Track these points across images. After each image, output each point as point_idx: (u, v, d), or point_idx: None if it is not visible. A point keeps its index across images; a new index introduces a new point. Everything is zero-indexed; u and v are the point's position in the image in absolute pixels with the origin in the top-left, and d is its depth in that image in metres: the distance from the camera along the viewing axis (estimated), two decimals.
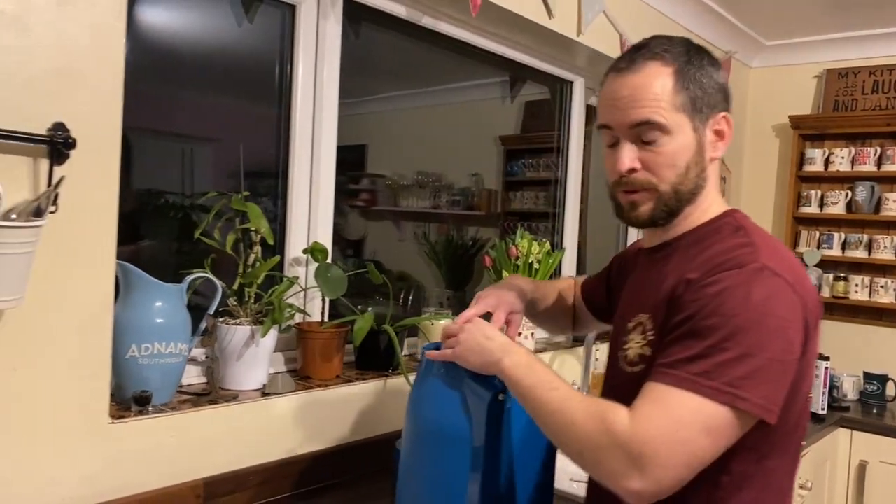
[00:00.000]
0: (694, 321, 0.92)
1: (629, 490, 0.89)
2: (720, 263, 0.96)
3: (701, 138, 1.04)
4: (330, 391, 1.68)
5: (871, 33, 3.28)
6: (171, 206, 1.73)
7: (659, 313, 1.01)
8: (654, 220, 1.08)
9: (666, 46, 1.05)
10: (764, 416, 0.89)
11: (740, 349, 0.88)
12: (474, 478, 1.12)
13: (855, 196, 3.28)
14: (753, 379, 0.88)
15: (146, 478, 1.36)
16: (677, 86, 1.02)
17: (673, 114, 1.01)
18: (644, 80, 1.02)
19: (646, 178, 1.04)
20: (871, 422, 2.86)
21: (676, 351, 0.92)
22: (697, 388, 0.88)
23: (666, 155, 1.02)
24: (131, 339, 1.37)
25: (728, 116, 1.06)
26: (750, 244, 0.98)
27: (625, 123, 1.03)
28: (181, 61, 1.78)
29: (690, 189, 1.05)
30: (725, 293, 0.92)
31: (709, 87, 1.04)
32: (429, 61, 2.83)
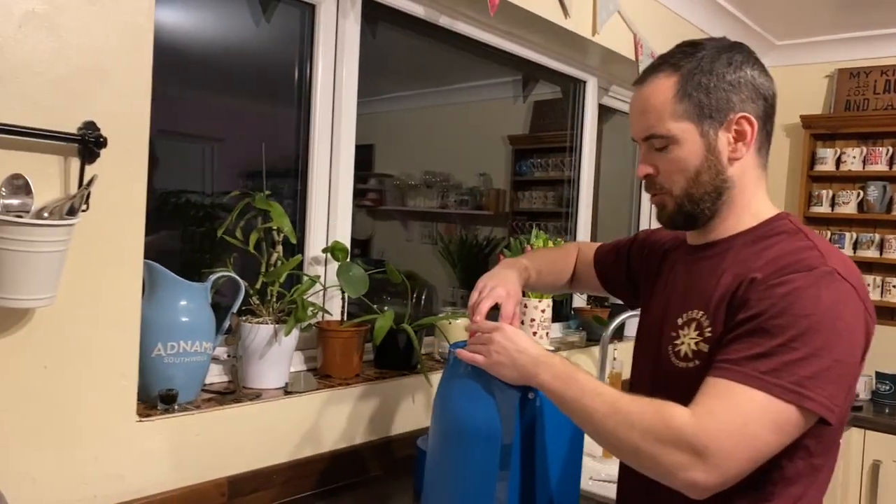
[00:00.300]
0: (761, 319, 0.93)
1: (692, 481, 0.89)
2: (788, 264, 0.97)
3: (712, 143, 1.05)
4: (351, 389, 1.68)
5: (883, 33, 3.28)
6: (192, 205, 1.74)
7: (718, 311, 1.02)
8: (674, 223, 1.12)
9: (683, 53, 1.07)
10: (827, 415, 0.91)
11: (808, 349, 0.90)
12: (503, 476, 1.13)
13: (866, 196, 3.28)
14: (819, 379, 0.90)
15: (172, 476, 1.36)
16: (679, 94, 1.04)
17: (676, 123, 1.05)
18: (648, 94, 1.08)
19: (661, 182, 1.10)
20: (883, 421, 2.87)
21: (742, 348, 0.93)
22: (765, 386, 0.89)
23: (674, 161, 1.06)
24: (157, 337, 1.37)
25: (748, 116, 1.05)
26: (814, 247, 1.00)
27: (637, 136, 1.11)
28: (199, 61, 1.78)
29: (707, 192, 1.06)
30: (795, 294, 0.93)
31: (720, 89, 1.04)
32: (440, 61, 2.84)
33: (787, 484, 1.00)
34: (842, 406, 0.93)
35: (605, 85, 2.84)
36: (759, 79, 1.07)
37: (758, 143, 1.07)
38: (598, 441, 1.02)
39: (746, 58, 1.07)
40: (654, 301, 1.20)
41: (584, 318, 2.72)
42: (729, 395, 0.91)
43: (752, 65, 1.07)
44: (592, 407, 0.99)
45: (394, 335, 1.79)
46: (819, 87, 3.50)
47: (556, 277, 1.48)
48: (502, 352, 1.11)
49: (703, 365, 0.99)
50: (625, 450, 0.96)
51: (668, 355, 1.08)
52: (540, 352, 1.10)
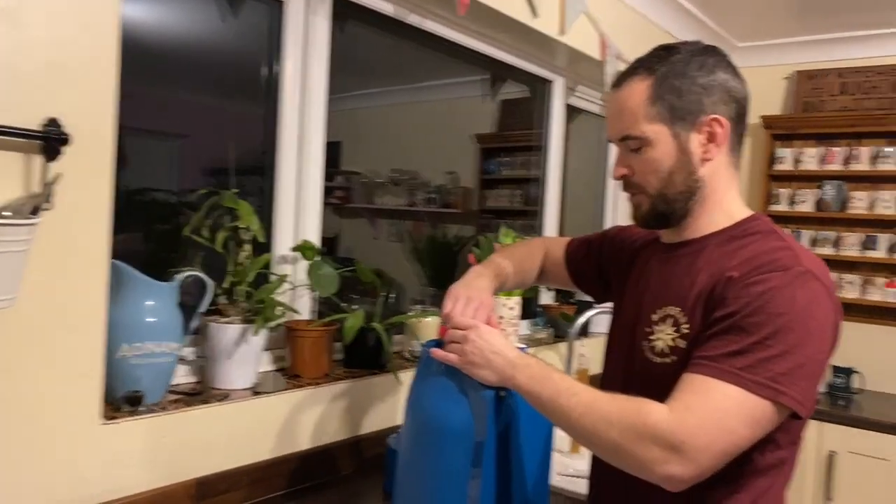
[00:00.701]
0: (738, 317, 0.96)
1: (669, 475, 0.92)
2: (764, 264, 1.00)
3: (684, 144, 1.08)
4: (320, 389, 1.68)
5: (839, 36, 3.38)
6: (158, 203, 1.71)
7: (696, 308, 1.04)
8: (647, 222, 1.15)
9: (657, 57, 1.10)
10: (799, 410, 0.94)
11: (782, 347, 0.93)
12: (476, 474, 1.13)
13: (823, 195, 3.38)
14: (793, 375, 0.93)
15: (139, 478, 1.34)
16: (652, 97, 1.07)
17: (649, 125, 1.07)
18: (623, 97, 1.11)
19: (636, 182, 1.12)
20: (839, 413, 2.95)
21: (720, 345, 0.96)
22: (741, 382, 0.92)
23: (648, 162, 1.09)
24: (123, 338, 1.35)
25: (719, 118, 1.07)
26: (788, 247, 1.03)
27: (612, 137, 1.15)
28: (166, 57, 1.75)
29: (680, 192, 1.09)
30: (771, 293, 0.96)
31: (692, 92, 1.07)
32: (409, 59, 2.84)
33: (757, 476, 1.03)
34: (812, 401, 0.97)
35: (571, 85, 2.87)
36: (732, 82, 1.09)
37: (729, 144, 1.10)
38: (576, 439, 1.04)
39: (719, 61, 1.09)
40: (628, 298, 1.22)
41: (552, 315, 2.75)
42: (706, 391, 0.93)
43: (724, 68, 1.09)
44: (570, 406, 1.00)
45: (363, 334, 1.79)
46: (779, 88, 3.59)
47: (524, 276, 1.49)
48: (477, 352, 1.12)
49: (680, 360, 1.02)
50: (603, 447, 0.98)
51: (643, 351, 1.10)
52: (515, 353, 1.11)
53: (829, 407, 3.02)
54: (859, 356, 3.25)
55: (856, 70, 3.37)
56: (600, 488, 1.23)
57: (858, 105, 3.36)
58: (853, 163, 3.34)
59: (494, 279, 1.35)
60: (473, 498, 1.14)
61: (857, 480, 2.87)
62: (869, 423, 2.86)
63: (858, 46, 3.38)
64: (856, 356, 3.24)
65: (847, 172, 3.36)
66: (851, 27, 3.28)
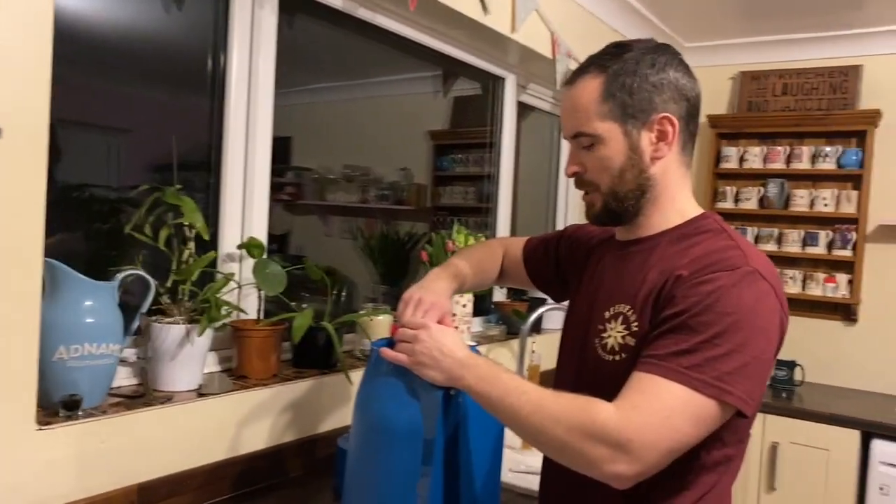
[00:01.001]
0: (686, 316, 0.97)
1: (616, 473, 0.92)
2: (713, 263, 1.00)
3: (635, 142, 1.08)
4: (268, 390, 1.64)
5: (781, 38, 3.48)
6: (97, 199, 1.65)
7: (645, 306, 1.05)
8: (600, 220, 1.15)
9: (610, 54, 1.10)
10: (744, 409, 0.95)
11: (729, 346, 0.94)
12: (426, 472, 1.13)
13: (766, 192, 3.47)
14: (738, 374, 0.94)
15: (76, 485, 1.29)
16: (604, 94, 1.07)
17: (600, 123, 1.08)
18: (576, 94, 1.11)
19: (589, 180, 1.13)
20: (781, 405, 3.04)
21: (668, 344, 0.96)
22: (688, 381, 0.93)
23: (600, 159, 1.10)
24: (59, 340, 1.29)
25: (669, 117, 1.08)
26: (737, 247, 1.04)
27: (566, 135, 1.15)
28: (105, 49, 1.69)
29: (631, 190, 1.10)
30: (719, 292, 0.96)
31: (643, 90, 1.07)
32: (360, 54, 2.80)
33: (703, 472, 1.05)
34: (757, 400, 0.98)
35: (523, 83, 2.88)
36: (683, 80, 1.10)
37: (680, 142, 1.11)
38: (525, 438, 1.04)
39: (670, 59, 1.10)
40: (581, 294, 1.23)
41: (504, 312, 2.76)
42: (653, 390, 0.94)
43: (675, 66, 1.10)
44: (518, 405, 1.00)
45: (313, 333, 1.76)
46: (724, 88, 3.68)
47: (483, 277, 1.48)
48: (427, 352, 1.11)
49: (629, 358, 1.02)
50: (551, 446, 0.98)
51: (594, 348, 1.11)
52: (465, 354, 1.10)
53: (771, 399, 3.11)
54: (800, 349, 3.36)
55: (797, 72, 3.48)
56: (549, 487, 1.24)
57: (800, 105, 3.47)
58: (795, 162, 3.44)
59: (452, 280, 1.34)
60: (423, 497, 1.13)
61: (799, 470, 2.96)
62: (809, 415, 2.95)
63: (799, 49, 3.48)
64: (797, 349, 3.34)
65: (789, 171, 3.46)
66: (792, 30, 3.38)
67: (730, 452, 1.06)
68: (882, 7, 3.00)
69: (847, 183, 3.39)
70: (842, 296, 3.37)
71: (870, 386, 3.36)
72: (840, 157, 3.35)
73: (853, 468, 2.85)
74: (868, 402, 3.15)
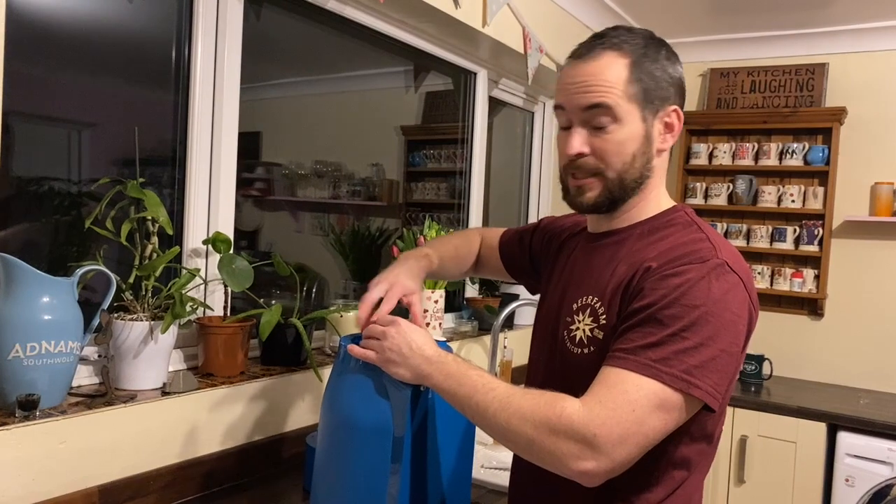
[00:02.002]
0: (654, 309, 0.96)
1: (583, 470, 0.91)
2: (682, 255, 1.00)
3: (649, 129, 1.07)
4: (235, 388, 1.61)
5: (749, 36, 3.52)
6: (56, 193, 1.60)
7: (614, 299, 1.04)
8: (598, 207, 1.11)
9: (625, 37, 1.07)
10: (711, 403, 0.94)
11: (697, 339, 0.93)
12: (395, 469, 1.11)
13: (735, 188, 3.51)
14: (706, 368, 0.93)
15: (33, 488, 1.25)
16: (631, 76, 1.04)
17: (624, 102, 1.04)
18: (599, 67, 1.05)
19: (594, 164, 1.07)
20: (750, 399, 3.08)
21: (636, 337, 0.95)
22: (655, 374, 0.92)
23: (614, 142, 1.05)
24: (14, 338, 1.25)
25: (679, 111, 1.09)
26: (707, 239, 1.03)
27: (578, 106, 1.06)
28: (64, 39, 1.64)
29: (635, 178, 1.08)
30: (687, 284, 0.96)
31: (662, 79, 1.07)
32: (329, 47, 2.77)
33: (673, 468, 1.04)
34: (723, 394, 0.97)
35: (494, 77, 2.87)
36: (684, 77, 1.11)
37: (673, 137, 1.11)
38: (493, 435, 1.02)
39: (676, 55, 1.11)
40: (552, 287, 1.22)
41: (476, 307, 2.75)
42: (619, 384, 0.93)
43: (679, 62, 1.11)
44: (485, 402, 0.99)
45: (282, 330, 1.73)
46: (694, 85, 3.71)
47: (459, 263, 1.47)
48: (395, 349, 1.09)
49: (598, 351, 1.02)
50: (518, 443, 0.96)
51: (563, 341, 1.10)
52: (434, 351, 1.08)
53: (740, 393, 3.14)
54: (768, 344, 3.41)
55: (765, 69, 3.52)
56: (519, 486, 1.23)
57: (767, 102, 3.51)
58: (763, 158, 3.48)
59: (420, 260, 1.33)
60: (392, 495, 1.11)
61: (767, 462, 3.00)
62: (777, 408, 2.99)
63: (767, 46, 3.53)
64: (765, 344, 3.39)
65: (757, 168, 3.50)
66: (761, 28, 3.42)
67: (698, 448, 1.06)
68: (848, 6, 3.05)
69: (813, 179, 3.44)
70: (808, 290, 3.42)
71: (835, 379, 3.42)
72: (807, 154, 3.40)
73: (820, 460, 2.90)
74: (834, 394, 3.20)
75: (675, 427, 0.96)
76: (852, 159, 3.36)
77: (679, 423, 0.96)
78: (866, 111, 3.34)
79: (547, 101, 3.32)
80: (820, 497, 2.90)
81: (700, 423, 1.02)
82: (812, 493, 2.91)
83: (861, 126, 3.35)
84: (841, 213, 3.36)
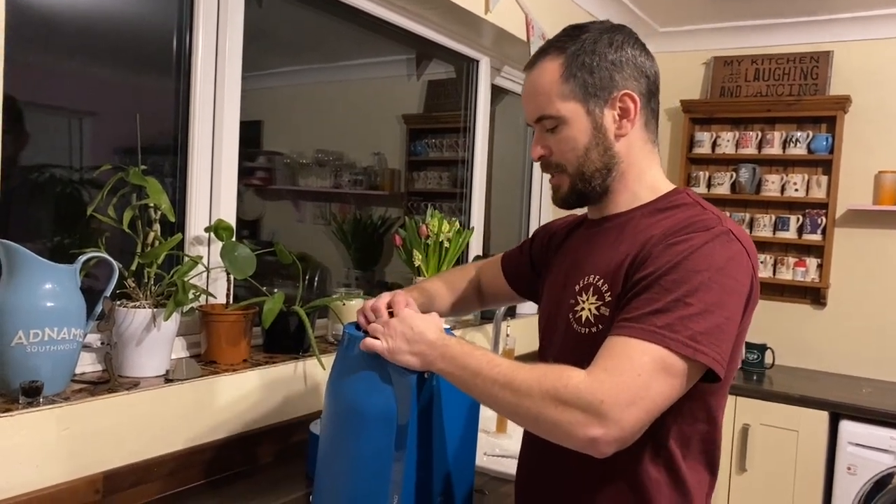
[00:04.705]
0: (657, 275, 0.96)
1: (592, 437, 0.90)
2: (687, 225, 1.01)
3: (598, 120, 1.08)
4: (238, 375, 1.61)
5: (753, 24, 3.49)
6: (58, 181, 1.59)
7: (618, 274, 1.04)
8: (568, 202, 1.15)
9: (568, 36, 1.10)
10: (717, 369, 0.94)
11: (702, 305, 0.93)
12: (399, 456, 1.11)
13: (738, 177, 3.50)
14: (711, 335, 0.93)
15: (37, 475, 1.25)
16: (564, 75, 1.08)
17: (563, 104, 1.08)
18: (537, 77, 1.12)
19: (555, 162, 1.13)
20: (752, 388, 3.08)
21: (640, 305, 0.95)
22: (661, 340, 0.92)
23: (565, 140, 1.10)
24: (17, 325, 1.25)
25: (630, 93, 1.08)
26: (711, 213, 1.05)
27: (529, 118, 1.15)
28: (65, 27, 1.63)
29: (597, 169, 1.10)
30: (691, 250, 0.96)
31: (602, 69, 1.08)
32: (331, 35, 2.76)
33: (682, 447, 1.05)
34: (726, 360, 0.96)
35: (497, 65, 2.86)
36: (640, 58, 1.11)
37: (643, 118, 1.11)
38: (501, 413, 1.03)
39: (627, 38, 1.11)
40: (553, 273, 1.23)
41: None
42: (624, 351, 0.93)
43: (632, 44, 1.11)
44: (491, 379, 0.99)
45: (285, 318, 1.73)
46: (697, 73, 3.69)
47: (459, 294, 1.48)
48: (399, 337, 1.09)
49: (606, 329, 1.01)
50: (526, 416, 0.96)
51: (570, 323, 1.10)
52: (437, 336, 1.09)
53: (742, 382, 3.14)
54: (770, 333, 3.40)
55: (769, 57, 3.50)
56: (527, 472, 1.23)
57: (771, 91, 3.49)
58: (766, 147, 3.47)
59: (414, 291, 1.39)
60: (396, 482, 1.11)
61: (769, 451, 3.00)
62: (779, 397, 2.99)
63: (771, 34, 3.50)
64: (767, 333, 3.39)
65: (760, 156, 3.48)
66: (765, 15, 3.40)
67: (701, 428, 1.06)
68: None
69: (817, 168, 3.43)
70: (811, 280, 3.41)
71: (838, 368, 3.42)
72: (810, 143, 3.39)
73: (822, 448, 2.90)
74: (836, 383, 3.20)
75: (681, 393, 0.95)
76: (856, 148, 3.34)
77: (685, 389, 0.95)
78: (871, 100, 3.32)
79: None
80: (822, 485, 2.91)
81: (703, 400, 1.02)
82: (814, 481, 2.92)
83: (865, 114, 3.33)
84: (844, 202, 3.35)
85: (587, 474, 1.06)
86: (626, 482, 1.05)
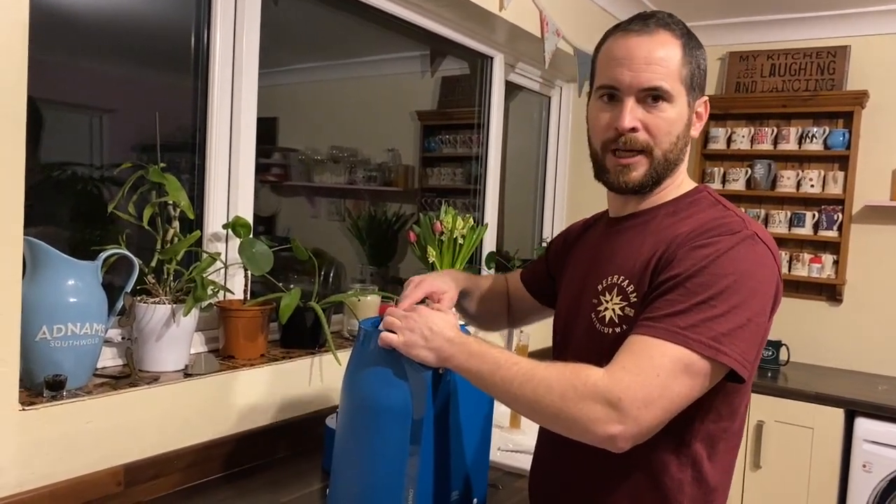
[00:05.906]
0: (683, 277, 0.97)
1: (610, 434, 0.91)
2: (712, 228, 1.01)
3: (690, 113, 1.10)
4: (255, 370, 1.63)
5: (769, 19, 3.47)
6: (79, 178, 1.62)
7: (644, 275, 1.04)
8: (643, 186, 1.11)
9: (673, 20, 1.09)
10: (740, 370, 0.95)
11: (725, 307, 0.94)
12: (414, 451, 1.12)
13: (753, 173, 3.48)
14: (734, 336, 0.94)
15: (60, 467, 1.28)
16: (684, 59, 1.07)
17: (677, 84, 1.06)
18: (658, 46, 1.05)
19: (645, 140, 1.07)
20: (767, 384, 3.07)
21: (664, 305, 0.96)
22: (683, 340, 0.93)
23: (666, 120, 1.07)
24: (41, 320, 1.27)
25: (707, 100, 1.13)
26: (735, 214, 1.05)
27: (634, 85, 1.05)
28: (85, 26, 1.65)
29: (676, 159, 1.10)
30: (717, 254, 0.97)
31: (702, 69, 1.11)
32: (346, 32, 2.77)
33: (705, 447, 1.05)
34: (752, 362, 0.98)
35: (511, 62, 2.86)
36: None
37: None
38: (519, 410, 1.04)
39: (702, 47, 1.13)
40: (570, 271, 1.24)
41: None
42: (644, 350, 0.94)
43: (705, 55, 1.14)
44: (510, 376, 1.00)
45: (301, 314, 1.75)
46: (712, 68, 3.66)
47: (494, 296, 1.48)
48: (417, 332, 1.10)
49: (630, 329, 1.02)
50: (545, 413, 0.97)
51: (592, 322, 1.10)
52: (454, 333, 1.09)
53: (757, 378, 3.12)
54: (786, 329, 3.39)
55: (785, 52, 3.47)
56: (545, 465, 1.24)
57: (787, 86, 3.46)
58: (782, 143, 3.44)
59: (459, 274, 1.39)
60: (412, 476, 1.13)
61: (784, 448, 2.99)
62: (794, 394, 2.98)
63: (787, 29, 3.47)
64: (782, 329, 3.37)
65: (776, 152, 3.46)
66: (781, 10, 3.37)
67: (725, 426, 1.06)
68: None
69: (833, 164, 3.40)
70: (827, 276, 3.39)
71: (854, 365, 3.40)
72: (827, 138, 3.36)
73: (837, 446, 2.89)
74: (852, 381, 3.19)
75: (701, 393, 0.96)
76: (874, 143, 3.32)
77: (705, 389, 0.96)
78: (888, 95, 3.29)
79: (564, 85, 3.30)
80: (836, 483, 2.90)
81: (727, 399, 1.03)
82: (828, 478, 2.91)
83: (883, 110, 3.30)
84: (861, 198, 3.32)
85: (605, 472, 1.07)
86: (646, 480, 1.05)
